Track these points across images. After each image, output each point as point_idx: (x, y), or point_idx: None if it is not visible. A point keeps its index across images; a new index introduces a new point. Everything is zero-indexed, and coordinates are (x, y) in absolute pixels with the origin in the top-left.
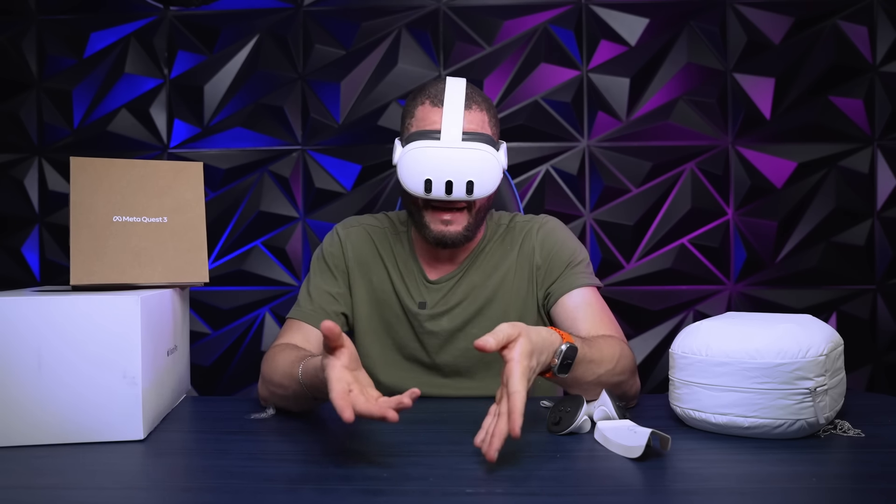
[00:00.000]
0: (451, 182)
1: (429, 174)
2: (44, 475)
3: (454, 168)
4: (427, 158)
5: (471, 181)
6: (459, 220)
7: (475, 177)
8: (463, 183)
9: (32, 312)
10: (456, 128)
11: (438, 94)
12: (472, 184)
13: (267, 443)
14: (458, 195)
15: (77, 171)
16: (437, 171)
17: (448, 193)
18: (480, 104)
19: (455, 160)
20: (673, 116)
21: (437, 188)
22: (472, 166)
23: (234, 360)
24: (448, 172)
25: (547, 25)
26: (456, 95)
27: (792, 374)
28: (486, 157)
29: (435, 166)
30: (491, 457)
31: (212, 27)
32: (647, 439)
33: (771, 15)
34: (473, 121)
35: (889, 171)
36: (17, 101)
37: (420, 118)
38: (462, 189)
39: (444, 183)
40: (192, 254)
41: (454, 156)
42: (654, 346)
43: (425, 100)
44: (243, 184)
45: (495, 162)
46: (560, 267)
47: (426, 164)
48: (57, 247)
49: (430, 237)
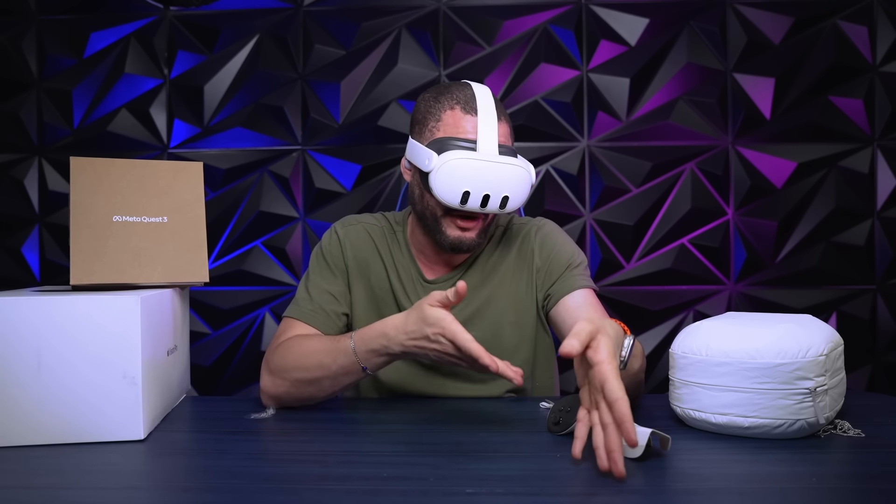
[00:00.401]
0: (488, 196)
1: (468, 186)
2: (43, 475)
3: (493, 182)
4: (467, 170)
5: (506, 196)
6: (476, 228)
7: (511, 192)
8: (499, 197)
9: (32, 312)
10: (492, 140)
11: (469, 101)
12: (507, 199)
13: (267, 443)
14: (492, 208)
15: (77, 171)
16: (476, 183)
17: (483, 206)
18: (505, 116)
19: (494, 174)
20: (673, 116)
21: (474, 201)
22: (510, 181)
23: (234, 360)
24: (486, 186)
25: (547, 25)
26: (488, 105)
27: (792, 374)
28: (523, 174)
29: (475, 179)
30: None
31: (212, 27)
32: (647, 439)
33: (771, 15)
34: (504, 133)
35: (889, 171)
36: (17, 101)
37: (450, 124)
38: (497, 203)
39: (482, 196)
40: (192, 254)
41: (494, 170)
42: (654, 346)
43: (455, 105)
44: (243, 184)
45: (529, 177)
46: (560, 269)
47: (466, 176)
48: (57, 247)
49: (445, 242)
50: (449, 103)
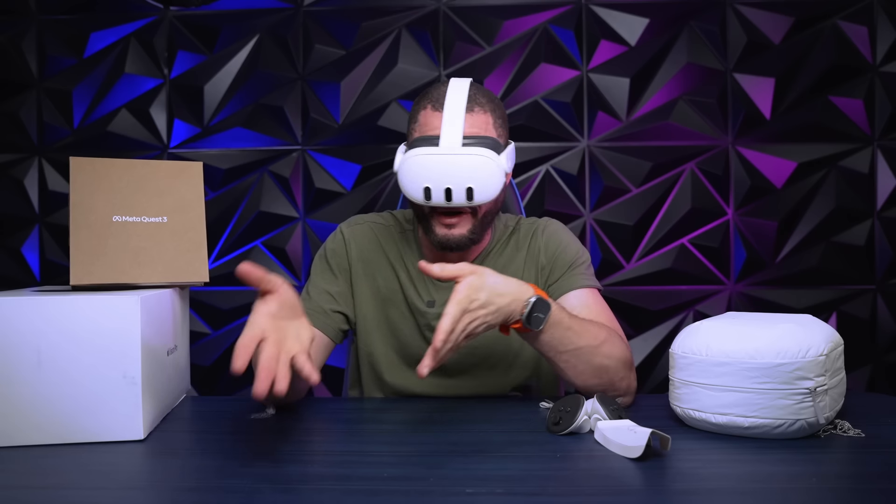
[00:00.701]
0: (450, 189)
1: (427, 182)
2: (43, 475)
3: (453, 175)
4: (425, 166)
5: (470, 188)
6: (464, 224)
7: (475, 183)
8: (463, 189)
9: (32, 312)
10: (456, 133)
11: (440, 98)
12: (472, 190)
13: (267, 443)
14: (458, 201)
15: (77, 171)
16: (435, 178)
17: (448, 200)
18: (484, 105)
19: (454, 166)
20: (673, 116)
21: (437, 195)
22: (472, 172)
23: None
24: (447, 179)
25: (547, 25)
26: (457, 98)
27: (792, 374)
28: (486, 163)
29: (433, 173)
30: (420, 373)
31: (212, 27)
32: (647, 439)
33: (771, 15)
34: (475, 124)
35: (889, 171)
36: (17, 101)
37: (422, 123)
38: (462, 195)
39: (444, 190)
40: (192, 254)
41: (453, 162)
42: (654, 346)
43: (427, 104)
44: (243, 184)
45: (495, 167)
46: (563, 267)
47: (424, 172)
48: (57, 247)
49: (434, 241)
50: (423, 103)
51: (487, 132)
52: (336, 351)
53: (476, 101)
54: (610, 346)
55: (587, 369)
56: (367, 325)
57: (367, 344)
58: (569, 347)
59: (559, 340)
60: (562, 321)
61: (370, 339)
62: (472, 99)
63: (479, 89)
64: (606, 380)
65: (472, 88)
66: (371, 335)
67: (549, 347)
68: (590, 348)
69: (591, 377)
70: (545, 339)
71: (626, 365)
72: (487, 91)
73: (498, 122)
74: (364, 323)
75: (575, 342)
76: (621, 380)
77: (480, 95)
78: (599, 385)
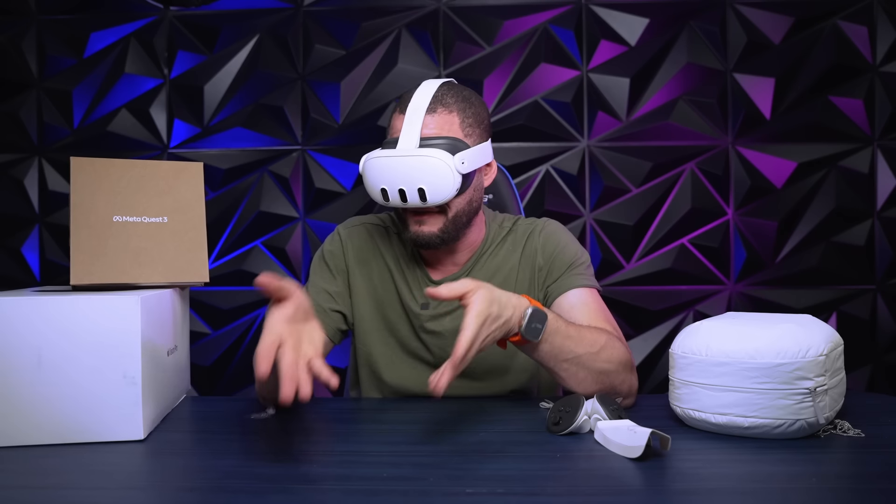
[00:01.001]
0: (403, 190)
1: (382, 184)
2: (43, 475)
3: (404, 176)
4: (380, 168)
5: (422, 188)
6: (433, 223)
7: (426, 184)
8: (415, 190)
9: (32, 312)
10: (413, 134)
11: (405, 102)
12: (424, 191)
13: (267, 443)
14: (412, 202)
15: (77, 171)
16: (389, 180)
17: (404, 201)
18: (450, 105)
19: (405, 168)
20: (673, 116)
21: (393, 196)
22: (422, 173)
23: (234, 360)
24: (399, 181)
25: (547, 25)
26: (420, 100)
27: (792, 374)
28: (436, 164)
29: (387, 176)
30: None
31: (212, 27)
32: (647, 439)
33: (771, 15)
34: (437, 124)
35: (889, 171)
36: (17, 101)
37: (390, 126)
38: (415, 196)
39: (398, 191)
40: (192, 254)
41: (404, 164)
42: (654, 346)
43: (398, 107)
44: (243, 184)
45: (446, 167)
46: (561, 268)
47: (379, 174)
48: (57, 247)
49: (408, 239)
50: (395, 106)
51: (451, 132)
52: (337, 351)
53: (441, 102)
54: (609, 351)
55: (588, 376)
56: (365, 325)
57: (364, 344)
58: (568, 356)
59: (559, 350)
60: (559, 330)
61: (368, 339)
62: (437, 100)
63: (451, 89)
64: (608, 384)
65: (443, 89)
66: (369, 335)
67: (548, 357)
68: (589, 355)
69: (593, 384)
70: (544, 349)
71: (626, 367)
72: (464, 91)
73: (468, 121)
74: (362, 323)
75: (574, 350)
76: (622, 382)
77: (450, 96)
78: (601, 389)
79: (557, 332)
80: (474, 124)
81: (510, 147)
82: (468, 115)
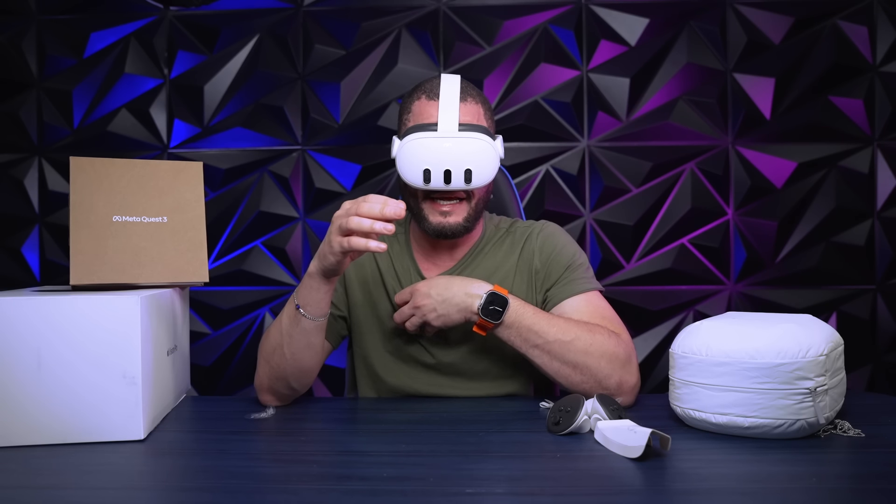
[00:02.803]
0: (449, 171)
1: (427, 164)
2: (43, 475)
3: (452, 157)
4: (425, 149)
5: (469, 169)
6: (459, 211)
7: (473, 165)
8: (461, 172)
9: (32, 312)
10: (452, 119)
11: (434, 89)
12: (471, 172)
13: (267, 443)
14: (456, 184)
15: (77, 171)
16: (435, 160)
17: (447, 183)
18: (475, 97)
19: (453, 149)
20: (673, 116)
21: (436, 178)
22: (470, 155)
23: (234, 360)
24: (446, 161)
25: (547, 25)
26: (451, 88)
27: (792, 374)
28: (484, 147)
29: (433, 156)
30: None
31: (212, 27)
32: (647, 439)
33: (771, 15)
34: (469, 113)
35: (889, 171)
36: (17, 101)
37: (417, 113)
38: (461, 178)
39: (443, 172)
40: (192, 254)
41: (452, 145)
42: (654, 346)
43: (421, 95)
44: (243, 184)
45: (492, 151)
46: (559, 271)
47: (424, 155)
48: (57, 247)
49: (429, 229)
50: (417, 95)
51: (480, 121)
52: (336, 354)
53: (468, 93)
54: (587, 342)
55: (563, 366)
56: (361, 327)
57: (361, 347)
58: (537, 342)
59: (526, 335)
60: (524, 315)
61: (364, 342)
62: (464, 90)
63: (469, 84)
64: (589, 376)
65: (463, 82)
66: (365, 338)
67: (519, 341)
68: (560, 343)
69: (572, 373)
70: (510, 333)
71: (611, 361)
72: (476, 87)
73: (488, 114)
74: (358, 326)
75: (543, 336)
76: (608, 377)
77: (471, 89)
78: (583, 382)
79: (523, 316)
80: (491, 119)
81: (510, 147)
82: (487, 110)
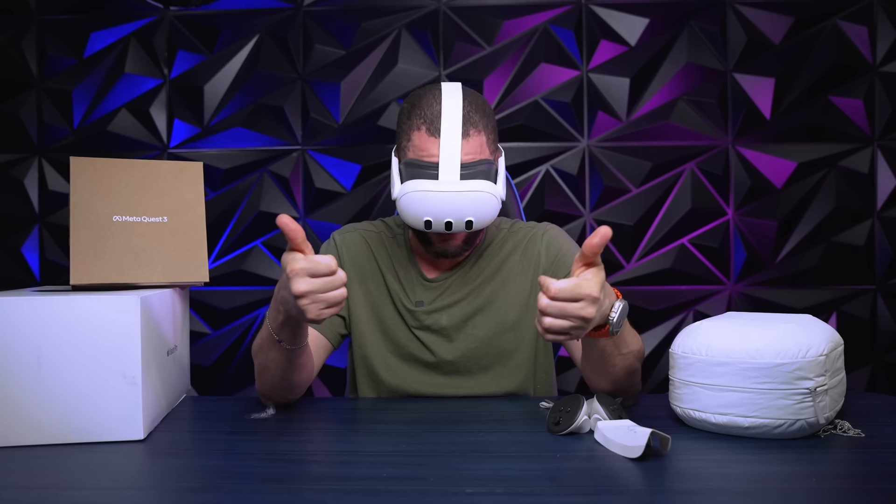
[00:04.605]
0: (450, 222)
1: (428, 216)
2: (43, 475)
3: (453, 209)
4: (426, 201)
5: (469, 220)
6: (459, 237)
7: (474, 216)
8: (462, 222)
9: (32, 312)
10: (454, 165)
11: (434, 122)
12: (471, 222)
13: (267, 443)
14: (457, 230)
15: (77, 171)
16: (436, 213)
17: (448, 230)
18: (478, 124)
19: (454, 202)
20: (673, 116)
21: (437, 226)
22: (471, 206)
23: (234, 360)
24: (447, 213)
25: (547, 25)
26: (452, 123)
27: (792, 374)
28: (485, 197)
29: (434, 209)
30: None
31: (212, 27)
32: (647, 439)
33: (771, 15)
34: (472, 147)
35: (889, 171)
36: (17, 101)
37: (417, 146)
38: (462, 226)
39: (444, 223)
40: (192, 254)
41: (453, 198)
42: (654, 346)
43: (421, 125)
44: (243, 184)
45: (493, 199)
46: (565, 271)
47: (426, 206)
48: (57, 247)
49: (432, 252)
50: (417, 122)
51: (483, 154)
52: (336, 354)
53: (470, 122)
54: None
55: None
56: (361, 328)
57: (361, 347)
58: (624, 350)
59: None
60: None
61: (364, 342)
62: (467, 120)
63: (471, 103)
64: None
65: (466, 105)
66: (365, 338)
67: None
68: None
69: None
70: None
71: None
72: (478, 99)
73: (491, 137)
74: (358, 326)
75: (630, 346)
76: (638, 383)
77: (474, 112)
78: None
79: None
80: (495, 139)
81: (510, 147)
82: (490, 131)
